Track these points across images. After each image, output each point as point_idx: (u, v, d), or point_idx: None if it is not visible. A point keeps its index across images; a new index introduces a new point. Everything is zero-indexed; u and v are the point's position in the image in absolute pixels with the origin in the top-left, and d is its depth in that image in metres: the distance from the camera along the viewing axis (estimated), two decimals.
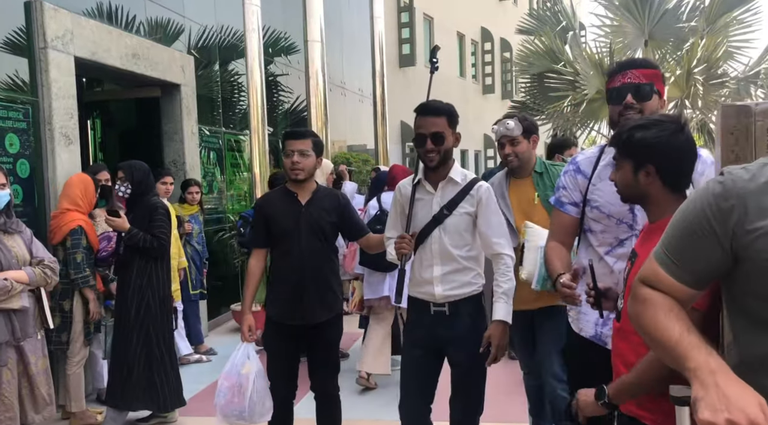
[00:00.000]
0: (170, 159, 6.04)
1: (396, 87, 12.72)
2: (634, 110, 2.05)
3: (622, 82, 2.08)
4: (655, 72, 2.11)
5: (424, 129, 2.53)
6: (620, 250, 2.14)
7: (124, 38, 5.26)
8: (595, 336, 2.18)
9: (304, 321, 3.01)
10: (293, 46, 9.09)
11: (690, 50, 9.21)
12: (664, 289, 1.31)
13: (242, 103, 7.62)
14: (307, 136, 3.03)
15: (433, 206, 2.61)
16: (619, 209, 2.11)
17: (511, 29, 16.25)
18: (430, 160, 2.54)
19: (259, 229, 3.08)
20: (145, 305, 3.68)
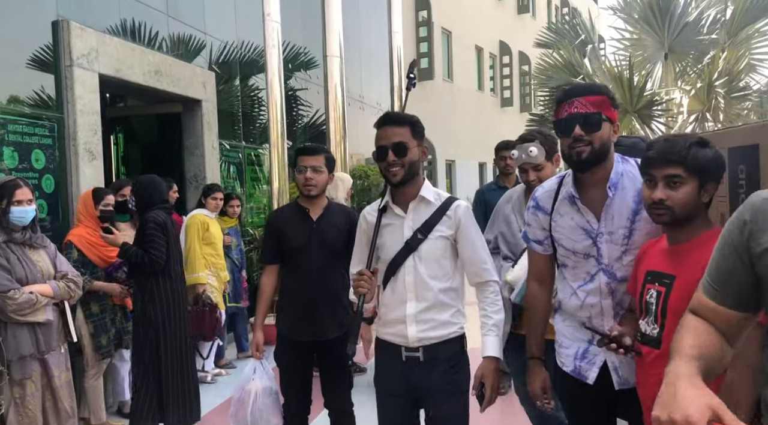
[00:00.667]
0: (191, 173, 6.11)
1: (414, 101, 12.76)
2: (583, 142, 1.93)
3: (569, 112, 1.95)
4: (602, 98, 1.96)
5: (384, 140, 2.21)
6: (590, 285, 2.04)
7: (147, 55, 5.36)
8: (574, 370, 2.10)
9: (316, 337, 3.00)
10: (313, 61, 9.19)
11: (711, 63, 9.16)
12: (709, 315, 1.29)
13: (262, 117, 7.70)
14: (319, 152, 3.03)
15: (404, 230, 2.25)
16: (583, 245, 2.02)
17: (530, 42, 16.26)
18: (393, 175, 2.20)
19: (270, 245, 3.07)
20: (147, 322, 3.59)
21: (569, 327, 2.13)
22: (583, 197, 2.01)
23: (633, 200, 1.96)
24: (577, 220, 2.03)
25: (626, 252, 1.96)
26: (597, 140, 1.93)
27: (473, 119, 16.77)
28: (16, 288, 2.91)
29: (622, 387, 1.99)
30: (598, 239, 1.98)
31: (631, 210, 1.95)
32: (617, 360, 1.99)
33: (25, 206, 3.00)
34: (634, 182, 1.97)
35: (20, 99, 4.21)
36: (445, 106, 15.13)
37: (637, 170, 1.97)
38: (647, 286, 1.84)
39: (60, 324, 3.19)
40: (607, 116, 1.95)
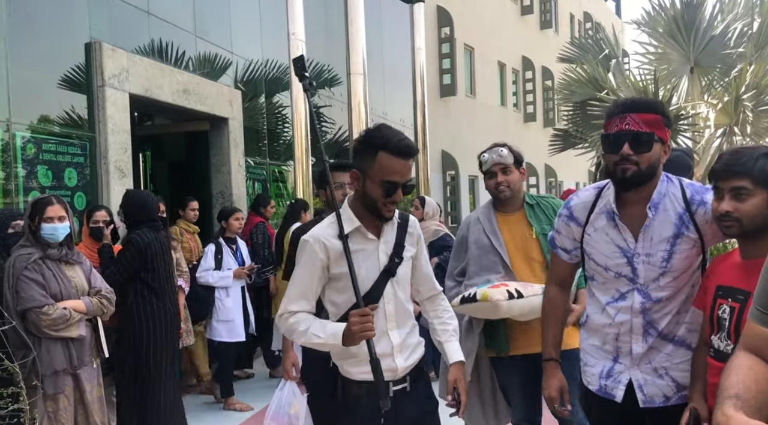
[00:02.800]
0: (217, 190, 6.19)
1: (437, 117, 12.80)
2: (630, 162, 1.85)
3: (620, 127, 1.86)
4: (656, 118, 1.86)
5: (398, 176, 1.94)
6: (622, 303, 1.97)
7: (176, 75, 5.47)
8: (600, 389, 2.06)
9: None
10: (336, 79, 9.28)
11: (738, 77, 9.04)
12: (765, 346, 1.26)
13: (287, 134, 7.79)
14: (345, 167, 2.99)
15: (379, 256, 2.03)
16: (616, 262, 1.96)
17: (553, 57, 16.22)
18: (389, 211, 2.01)
19: (293, 261, 3.01)
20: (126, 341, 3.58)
21: (593, 345, 2.09)
22: (623, 214, 1.95)
23: (674, 222, 1.91)
24: (612, 236, 1.97)
25: (664, 274, 1.91)
26: (645, 161, 1.87)
27: (496, 135, 16.72)
28: (51, 304, 2.97)
29: (647, 405, 1.96)
30: (634, 260, 1.93)
31: (671, 234, 1.91)
32: (642, 377, 1.96)
33: (55, 223, 3.06)
34: (676, 207, 1.92)
35: (53, 119, 4.32)
36: (467, 122, 15.14)
37: (680, 192, 1.95)
38: (719, 301, 1.80)
39: (93, 339, 3.25)
40: (660, 137, 1.89)
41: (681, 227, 1.90)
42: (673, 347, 1.95)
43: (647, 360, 1.96)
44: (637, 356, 1.97)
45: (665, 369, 1.95)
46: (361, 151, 2.00)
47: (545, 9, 20.48)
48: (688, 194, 1.94)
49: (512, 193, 2.77)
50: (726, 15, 9.80)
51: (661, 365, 1.95)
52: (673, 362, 1.95)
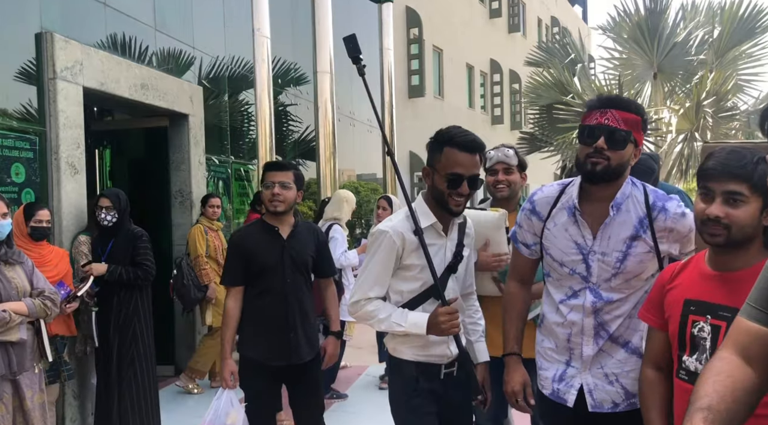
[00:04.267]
0: (177, 188, 6.03)
1: (405, 118, 12.77)
2: (602, 156, 1.85)
3: (599, 121, 1.87)
4: (636, 119, 1.88)
5: (463, 169, 2.10)
6: (574, 301, 1.97)
7: (134, 69, 5.30)
8: (553, 392, 2.05)
9: (290, 360, 2.88)
10: (303, 77, 9.17)
11: (699, 83, 9.22)
12: (751, 343, 1.21)
13: (251, 133, 7.65)
14: (288, 168, 2.96)
15: (446, 252, 2.23)
16: (572, 259, 1.96)
17: (520, 61, 16.33)
18: (457, 204, 2.13)
19: (236, 266, 2.90)
20: (131, 338, 3.70)
21: (548, 348, 2.08)
22: (584, 211, 1.95)
23: (634, 224, 1.91)
24: (572, 232, 1.97)
25: (616, 275, 1.91)
26: (617, 158, 1.87)
27: None
28: None
29: (595, 410, 1.95)
30: (589, 257, 1.92)
31: (629, 235, 1.90)
32: (593, 382, 1.96)
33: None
34: (637, 210, 1.92)
35: (1, 112, 4.13)
36: (436, 123, 15.10)
37: (643, 196, 1.93)
38: (692, 317, 1.65)
39: (35, 343, 3.10)
40: (635, 138, 1.89)
41: (639, 230, 1.90)
42: (626, 354, 1.94)
43: (599, 364, 1.95)
44: (588, 358, 1.96)
45: (616, 376, 1.94)
46: (431, 147, 2.19)
47: (513, 13, 20.65)
48: (651, 199, 1.94)
49: (510, 193, 2.81)
50: (688, 23, 10.00)
51: (612, 371, 1.94)
52: (624, 369, 1.94)
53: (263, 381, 2.89)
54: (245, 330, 2.93)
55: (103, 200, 4.03)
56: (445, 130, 2.18)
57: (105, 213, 3.97)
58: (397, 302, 2.20)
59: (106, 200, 4.01)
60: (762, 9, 9.26)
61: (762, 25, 9.29)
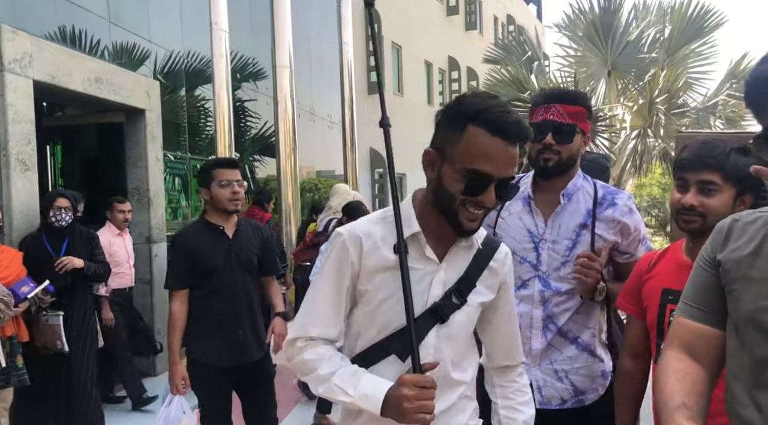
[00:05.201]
0: (133, 186, 5.87)
1: (364, 114, 12.74)
2: (552, 151, 1.88)
3: (544, 117, 1.89)
4: (581, 110, 1.91)
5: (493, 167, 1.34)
6: (523, 291, 1.95)
7: (87, 62, 5.13)
8: None
9: (241, 360, 2.85)
10: (261, 72, 9.04)
11: (652, 80, 9.45)
12: (693, 340, 1.23)
13: (209, 128, 7.51)
14: (237, 165, 2.95)
15: (432, 285, 1.43)
16: (524, 247, 1.96)
17: (477, 58, 16.47)
18: (474, 219, 1.38)
19: (180, 268, 2.85)
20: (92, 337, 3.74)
21: None
22: (537, 200, 1.99)
23: (582, 215, 1.95)
24: (525, 221, 1.99)
25: (565, 264, 1.92)
26: (566, 151, 1.90)
27: (423, 133, 16.82)
28: None
29: (542, 406, 1.94)
30: (540, 245, 1.94)
31: (578, 223, 1.94)
32: (542, 378, 1.96)
33: None
34: (587, 201, 1.96)
35: None
36: (395, 119, 15.10)
37: (593, 190, 1.97)
38: (670, 306, 1.67)
39: None
40: (581, 129, 1.92)
41: (588, 219, 1.94)
42: (576, 350, 1.95)
43: (548, 359, 1.95)
44: (537, 353, 1.95)
45: (566, 372, 1.94)
46: (446, 120, 1.41)
47: (470, 10, 20.82)
48: (601, 193, 1.97)
49: None
50: (640, 22, 10.23)
51: (562, 367, 1.95)
52: (574, 366, 1.94)
53: (215, 384, 2.84)
54: (193, 332, 2.85)
55: (62, 200, 3.90)
56: (472, 97, 1.40)
57: (64, 213, 3.84)
58: (348, 354, 1.47)
59: (65, 201, 3.88)
60: (709, 9, 9.55)
61: (710, 24, 9.58)
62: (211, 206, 2.88)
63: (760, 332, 1.12)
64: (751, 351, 1.13)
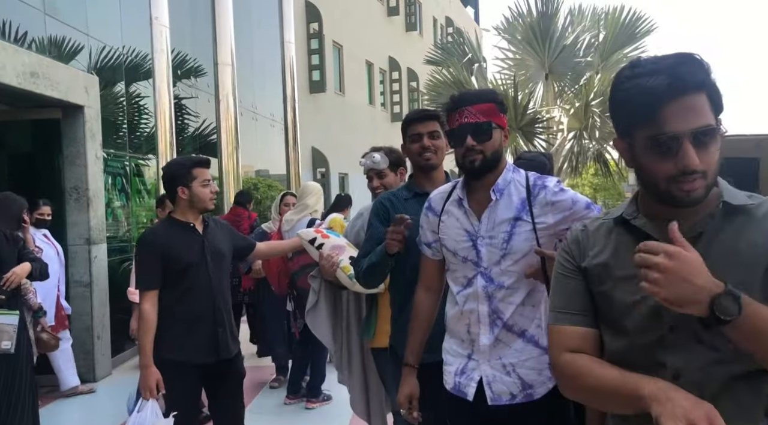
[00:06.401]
0: (72, 185, 5.63)
1: (306, 113, 12.66)
2: (475, 152, 1.95)
3: (460, 122, 1.96)
4: (490, 106, 1.97)
5: None
6: (469, 289, 2.01)
7: (22, 55, 4.89)
8: (454, 386, 2.06)
9: (220, 356, 2.84)
10: (201, 69, 8.84)
11: (587, 84, 9.81)
12: (582, 345, 1.31)
13: (149, 126, 7.28)
14: (210, 164, 2.95)
15: None
16: (463, 246, 2.02)
17: (417, 59, 16.63)
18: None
19: (152, 268, 2.78)
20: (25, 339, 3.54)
21: (453, 343, 2.10)
22: (470, 200, 2.04)
23: (516, 206, 1.98)
24: (462, 221, 2.04)
25: (505, 257, 1.96)
26: (489, 148, 1.96)
27: (366, 133, 16.91)
28: None
29: (494, 403, 1.96)
30: (478, 242, 1.98)
31: (512, 216, 1.97)
32: (491, 374, 1.98)
33: None
34: (519, 192, 2.00)
35: None
36: (337, 119, 15.15)
37: (524, 180, 2.02)
38: None
39: None
40: (497, 123, 1.98)
41: (522, 211, 1.97)
42: (523, 343, 1.96)
43: (497, 355, 1.97)
44: (485, 348, 1.98)
45: (513, 366, 1.96)
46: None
47: (410, 11, 21.02)
48: (531, 180, 2.03)
49: None
50: (576, 26, 10.60)
51: (509, 361, 1.96)
52: (520, 359, 1.96)
53: (186, 382, 2.79)
54: (166, 332, 2.79)
55: None
56: None
57: None
58: None
59: None
60: (641, 16, 10.00)
61: (641, 30, 10.03)
62: (186, 205, 2.84)
63: (638, 322, 1.24)
64: (632, 340, 1.26)
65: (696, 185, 1.17)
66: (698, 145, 1.16)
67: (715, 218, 1.22)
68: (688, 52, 1.20)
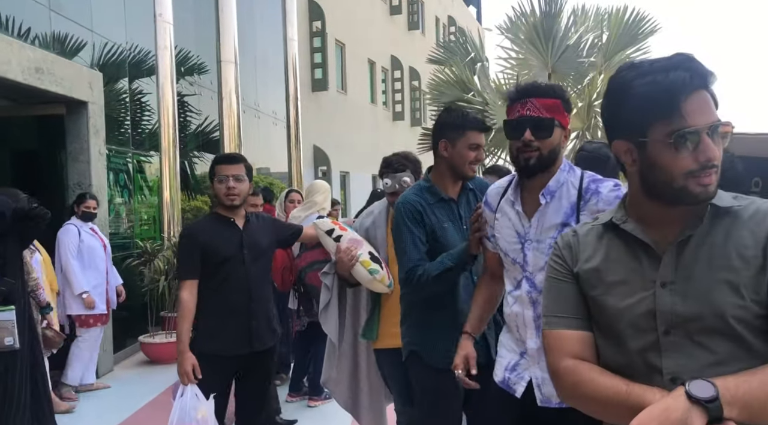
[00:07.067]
0: (75, 181, 5.64)
1: (308, 111, 12.65)
2: (532, 149, 1.86)
3: (521, 113, 1.87)
4: (556, 102, 1.87)
5: None
6: (517, 292, 1.99)
7: (27, 51, 4.89)
8: (503, 381, 2.04)
9: (252, 348, 2.90)
10: (204, 66, 8.84)
11: (590, 84, 9.80)
12: (582, 349, 1.30)
13: (152, 122, 7.29)
14: (239, 161, 2.96)
15: None
16: (513, 247, 1.98)
17: (419, 58, 16.63)
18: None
19: (192, 259, 2.87)
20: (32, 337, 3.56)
21: (509, 338, 2.09)
22: (524, 200, 1.98)
23: (565, 212, 1.91)
24: (514, 222, 1.99)
25: None
26: (547, 146, 1.86)
27: (367, 132, 16.92)
28: None
29: (543, 404, 1.94)
30: (526, 245, 1.94)
31: (560, 221, 1.91)
32: (541, 376, 1.94)
33: None
34: (571, 196, 1.92)
35: None
36: (339, 117, 15.14)
37: (578, 181, 1.93)
38: None
39: None
40: (560, 122, 1.89)
41: (570, 216, 1.90)
42: None
43: (545, 358, 1.97)
44: (533, 352, 1.96)
45: None
46: None
47: (413, 11, 21.01)
48: (585, 183, 1.93)
49: None
50: (579, 26, 10.57)
51: None
52: None
53: (217, 373, 2.86)
54: (201, 322, 2.88)
55: None
56: None
57: None
58: None
59: None
60: (644, 16, 9.97)
61: (644, 31, 10.01)
62: (218, 201, 2.95)
63: (631, 326, 1.23)
64: (626, 345, 1.24)
65: (713, 179, 1.17)
66: (714, 140, 1.16)
67: (703, 221, 1.20)
68: (685, 52, 1.20)
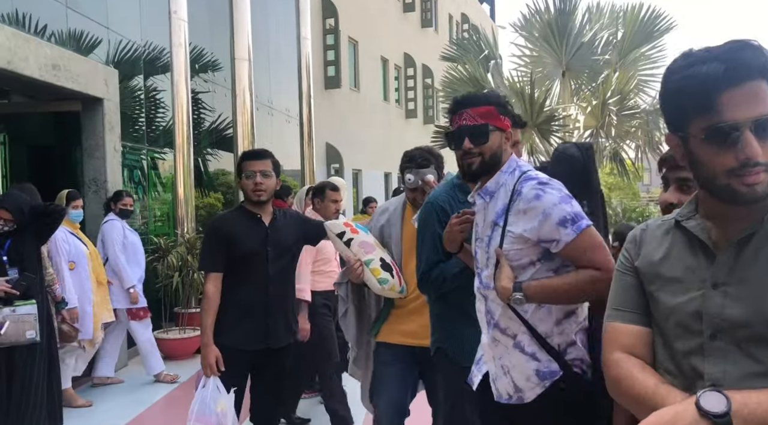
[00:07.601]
0: (90, 177, 5.69)
1: (321, 109, 12.66)
2: (473, 155, 1.95)
3: (458, 124, 1.97)
4: (488, 109, 1.95)
5: None
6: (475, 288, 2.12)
7: (44, 48, 4.94)
8: (470, 374, 2.13)
9: (268, 344, 2.91)
10: (217, 63, 8.87)
11: (605, 82, 9.72)
12: (635, 342, 1.28)
13: (166, 119, 7.33)
14: (267, 156, 2.96)
15: None
16: (474, 244, 2.09)
17: (432, 56, 16.59)
18: None
19: (217, 252, 2.89)
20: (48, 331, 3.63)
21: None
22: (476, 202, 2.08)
23: (497, 211, 1.94)
24: (477, 219, 2.08)
25: (489, 260, 1.95)
26: (487, 151, 1.95)
27: (379, 130, 16.91)
28: None
29: (498, 400, 1.96)
30: (476, 243, 2.04)
31: (491, 220, 1.96)
32: (494, 372, 1.97)
33: None
34: (506, 196, 1.94)
35: None
36: (351, 115, 15.15)
37: (514, 183, 1.93)
38: None
39: None
40: (495, 126, 1.95)
41: (500, 216, 1.93)
42: (513, 347, 1.93)
43: (498, 354, 1.96)
44: (485, 346, 2.01)
45: (507, 368, 1.94)
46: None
47: (426, 8, 20.96)
48: (518, 184, 1.93)
49: None
50: (594, 24, 10.49)
51: (504, 363, 1.95)
52: (512, 362, 1.93)
53: (235, 367, 2.87)
54: (221, 315, 2.89)
55: (3, 212, 3.54)
56: None
57: (2, 224, 3.54)
58: None
59: (5, 213, 3.54)
60: (660, 13, 9.87)
61: (659, 28, 9.91)
62: (246, 196, 2.96)
63: (679, 326, 1.20)
64: (673, 345, 1.22)
65: (761, 177, 1.08)
66: (761, 135, 1.08)
67: (763, 221, 1.14)
68: (744, 39, 1.13)
